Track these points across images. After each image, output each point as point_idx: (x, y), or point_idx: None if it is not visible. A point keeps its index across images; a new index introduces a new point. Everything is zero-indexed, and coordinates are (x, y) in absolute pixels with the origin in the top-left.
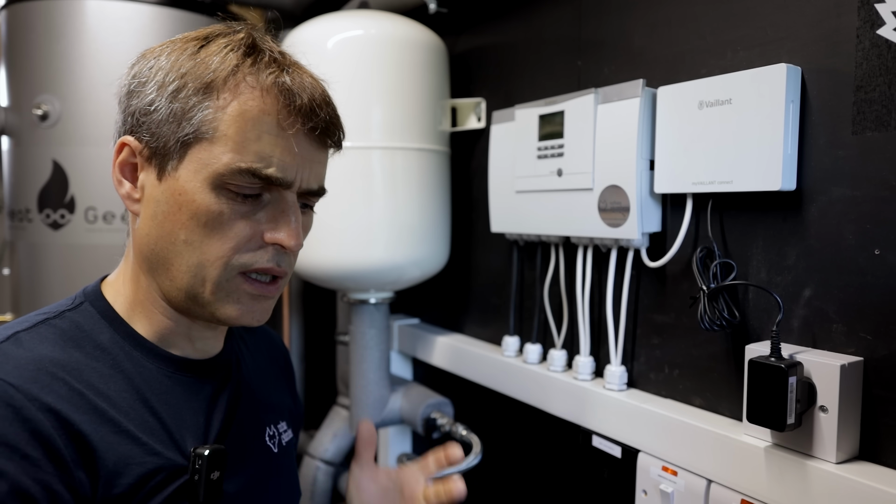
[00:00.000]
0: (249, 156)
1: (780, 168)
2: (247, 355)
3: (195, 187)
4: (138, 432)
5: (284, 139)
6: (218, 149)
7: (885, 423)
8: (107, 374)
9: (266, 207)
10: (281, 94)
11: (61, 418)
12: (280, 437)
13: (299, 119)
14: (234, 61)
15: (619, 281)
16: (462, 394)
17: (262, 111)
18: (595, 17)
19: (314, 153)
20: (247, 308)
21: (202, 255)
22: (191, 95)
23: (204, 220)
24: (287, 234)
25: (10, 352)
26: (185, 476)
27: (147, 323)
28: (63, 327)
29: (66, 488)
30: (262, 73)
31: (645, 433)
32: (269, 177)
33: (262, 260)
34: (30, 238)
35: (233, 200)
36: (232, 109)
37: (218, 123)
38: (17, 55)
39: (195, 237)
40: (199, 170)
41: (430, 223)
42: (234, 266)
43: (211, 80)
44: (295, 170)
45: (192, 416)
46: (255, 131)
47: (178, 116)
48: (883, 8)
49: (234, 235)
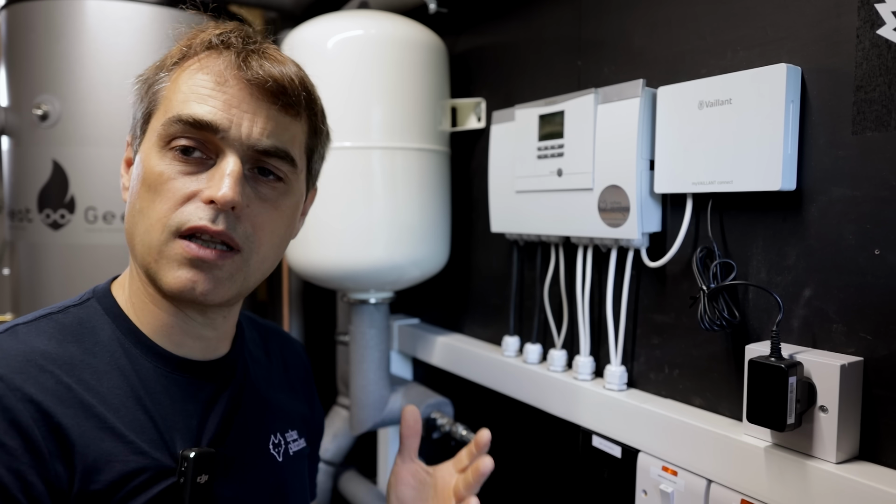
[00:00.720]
0: (182, 108)
1: (780, 168)
2: (260, 359)
3: (147, 155)
4: (126, 430)
5: (221, 93)
6: (162, 113)
7: (885, 423)
8: (102, 370)
9: (210, 169)
10: (220, 54)
11: (42, 410)
12: (287, 446)
13: (235, 72)
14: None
15: (619, 281)
16: (462, 394)
17: (198, 69)
18: (595, 17)
19: (263, 110)
20: (187, 275)
21: (148, 219)
22: (151, 76)
23: (149, 183)
24: (217, 187)
25: (3, 343)
26: (172, 478)
27: (146, 318)
28: (65, 322)
29: (40, 479)
30: (202, 36)
31: (645, 433)
32: (196, 121)
33: (195, 217)
34: (30, 238)
35: (176, 161)
36: (176, 75)
37: (165, 91)
38: (17, 55)
39: (145, 203)
40: (150, 138)
41: (430, 223)
42: (169, 227)
43: (166, 58)
44: (229, 119)
45: (184, 418)
46: (191, 86)
47: (143, 97)
48: (883, 8)
49: (173, 194)
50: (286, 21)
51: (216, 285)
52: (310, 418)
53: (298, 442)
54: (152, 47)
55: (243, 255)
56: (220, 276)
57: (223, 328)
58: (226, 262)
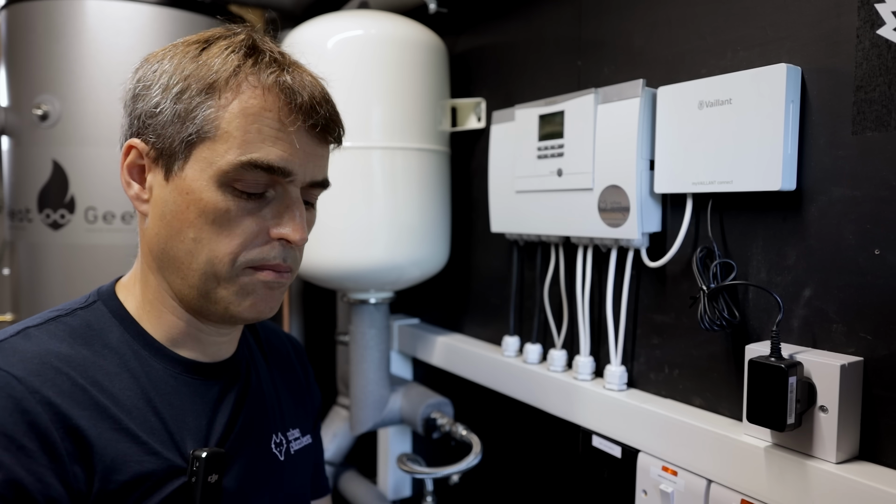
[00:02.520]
0: (252, 150)
1: (780, 168)
2: (259, 359)
3: (201, 186)
4: (139, 431)
5: (286, 135)
6: (221, 147)
7: (885, 423)
8: (113, 372)
9: (271, 204)
10: (282, 92)
11: (60, 412)
12: (289, 445)
13: (300, 116)
14: (235, 62)
15: (619, 281)
16: (462, 394)
17: (263, 108)
18: (595, 17)
19: (315, 149)
20: (261, 299)
21: (211, 252)
22: (194, 96)
23: (212, 218)
24: (293, 229)
25: (17, 345)
26: (183, 477)
27: (157, 323)
28: (73, 325)
29: (59, 481)
30: (263, 73)
31: (645, 433)
32: (272, 166)
33: (270, 256)
34: (30, 238)
35: (238, 198)
36: (234, 108)
37: (220, 122)
38: (17, 55)
39: (204, 235)
40: (204, 168)
41: (430, 223)
42: (242, 262)
43: (213, 80)
44: (297, 164)
45: (194, 419)
46: (257, 128)
47: (182, 117)
48: (883, 8)
49: (242, 232)
50: (286, 21)
51: (277, 302)
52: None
53: (301, 440)
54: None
55: (291, 272)
56: (280, 294)
57: (235, 334)
58: (287, 281)
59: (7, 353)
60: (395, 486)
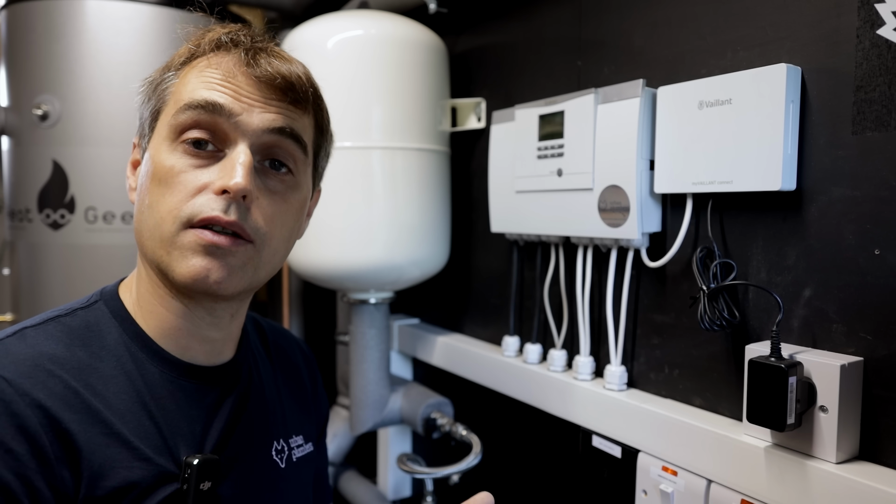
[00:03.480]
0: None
1: (780, 168)
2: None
3: (157, 150)
4: (131, 436)
5: (230, 83)
6: (171, 106)
7: (885, 423)
8: (108, 375)
9: (221, 161)
10: (227, 50)
11: (50, 415)
12: (290, 452)
13: (244, 68)
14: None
15: (619, 281)
16: (462, 394)
17: (207, 66)
18: (595, 17)
19: (271, 100)
20: (201, 263)
21: (157, 213)
22: (158, 77)
23: (160, 177)
24: (229, 176)
25: (11, 347)
26: (175, 484)
27: (152, 320)
28: (72, 325)
29: (47, 485)
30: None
31: (645, 433)
32: (207, 102)
33: (206, 207)
34: (30, 238)
35: (187, 154)
36: (185, 73)
37: (174, 88)
38: (17, 55)
39: (154, 197)
40: (160, 132)
41: (430, 223)
42: (181, 218)
43: (173, 59)
44: (241, 105)
45: (188, 424)
46: (200, 80)
47: (150, 96)
48: (883, 8)
49: (184, 186)
50: (286, 21)
51: (229, 273)
52: (315, 411)
53: (304, 447)
54: (152, 47)
55: (255, 246)
56: (233, 263)
57: (229, 329)
58: (239, 250)
59: (0, 355)
60: (395, 486)
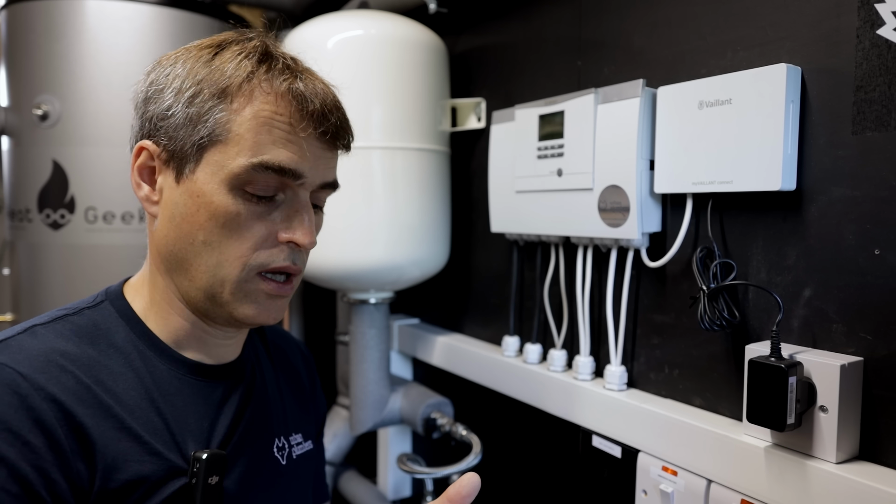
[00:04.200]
0: (264, 153)
1: (780, 168)
2: (265, 362)
3: (213, 189)
4: (141, 431)
5: (296, 140)
6: (233, 150)
7: (885, 423)
8: (117, 372)
9: (280, 207)
10: (294, 99)
11: (64, 409)
12: (291, 450)
13: (311, 123)
14: (248, 68)
15: (619, 281)
16: (462, 394)
17: (275, 114)
18: (595, 17)
19: (324, 154)
20: (264, 308)
21: (221, 255)
22: (206, 100)
23: (222, 222)
24: (302, 233)
25: (24, 343)
26: (183, 479)
27: (163, 324)
28: (80, 324)
29: (63, 477)
30: (276, 79)
31: (645, 433)
32: (282, 168)
33: (279, 259)
34: (30, 238)
35: (249, 202)
36: (246, 113)
37: (232, 126)
38: (17, 55)
39: (214, 238)
40: (215, 172)
41: (430, 223)
42: (251, 266)
43: (226, 85)
44: (307, 167)
45: (196, 420)
46: (268, 131)
47: (195, 120)
48: (883, 8)
49: (252, 236)
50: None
51: (282, 311)
52: (314, 410)
53: (303, 445)
54: (152, 47)
55: (300, 276)
56: (285, 303)
57: (240, 336)
58: (292, 290)
59: (13, 351)
60: (395, 486)
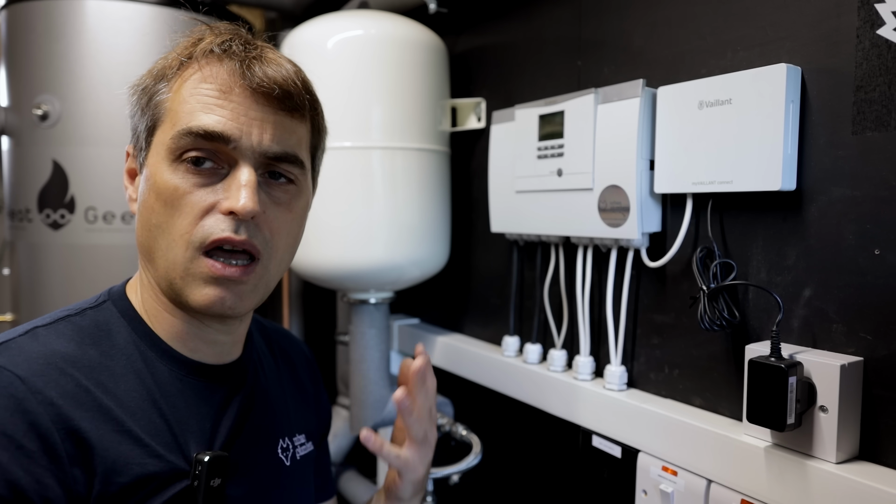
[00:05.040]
0: (190, 120)
1: (780, 168)
2: (268, 363)
3: (157, 168)
4: (142, 433)
5: (226, 101)
6: (168, 125)
7: (885, 423)
8: (119, 374)
9: (225, 179)
10: (219, 60)
11: (62, 414)
12: (295, 451)
13: (238, 81)
14: (186, 47)
15: (619, 281)
16: (462, 394)
17: (201, 79)
18: (595, 17)
19: (269, 115)
20: (214, 292)
21: (169, 235)
22: (151, 87)
23: (164, 198)
24: (240, 199)
25: (24, 345)
26: (185, 481)
27: (160, 323)
28: (82, 324)
29: (58, 483)
30: (202, 46)
31: (645, 433)
32: (207, 132)
33: (218, 229)
34: (30, 238)
35: (189, 173)
36: (177, 86)
37: (168, 103)
38: (17, 55)
39: (162, 219)
40: (158, 151)
41: (430, 223)
42: (194, 242)
43: (164, 66)
44: (239, 129)
45: (198, 422)
46: (196, 99)
47: (144, 109)
48: (883, 8)
49: (192, 209)
50: (286, 21)
51: (242, 298)
52: (317, 412)
53: (306, 446)
54: (152, 47)
55: (263, 261)
56: (244, 290)
57: (238, 332)
58: (249, 277)
59: (13, 353)
60: None
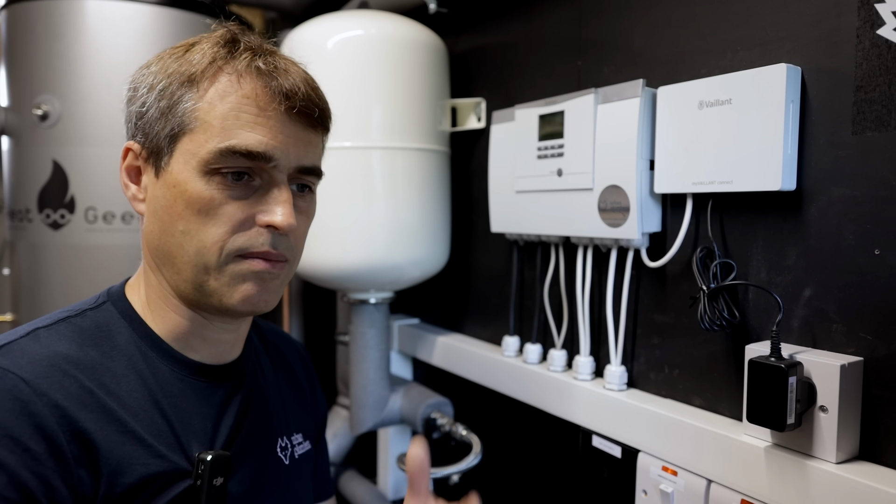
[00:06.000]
0: (231, 137)
1: (780, 168)
2: (265, 362)
3: (186, 177)
4: (145, 434)
5: (265, 120)
6: (202, 136)
7: (885, 423)
8: (120, 374)
9: (258, 191)
10: (258, 77)
11: (67, 415)
12: (293, 450)
13: (277, 99)
14: (213, 52)
15: (619, 281)
16: (462, 394)
17: (240, 95)
18: (595, 17)
19: (300, 133)
20: (253, 290)
21: (200, 242)
22: (175, 90)
23: (197, 208)
24: (280, 214)
25: (27, 347)
26: (188, 480)
27: (162, 323)
28: (83, 326)
29: (64, 484)
30: (238, 60)
31: (645, 433)
32: (251, 152)
33: (258, 243)
34: (30, 238)
35: (223, 185)
36: (211, 97)
37: (199, 112)
38: (17, 55)
39: (192, 226)
40: (188, 160)
41: (430, 223)
42: (229, 250)
43: (192, 72)
44: (279, 148)
45: (200, 421)
46: (235, 115)
47: (166, 113)
48: (883, 8)
49: (228, 219)
50: (286, 21)
51: (273, 295)
52: (313, 411)
53: (303, 445)
54: (152, 47)
55: (290, 263)
56: (275, 285)
57: (239, 331)
58: (282, 272)
59: (16, 355)
60: (395, 486)
